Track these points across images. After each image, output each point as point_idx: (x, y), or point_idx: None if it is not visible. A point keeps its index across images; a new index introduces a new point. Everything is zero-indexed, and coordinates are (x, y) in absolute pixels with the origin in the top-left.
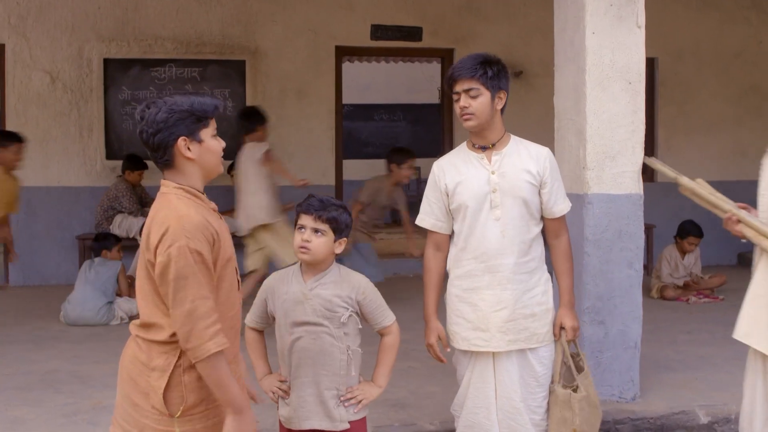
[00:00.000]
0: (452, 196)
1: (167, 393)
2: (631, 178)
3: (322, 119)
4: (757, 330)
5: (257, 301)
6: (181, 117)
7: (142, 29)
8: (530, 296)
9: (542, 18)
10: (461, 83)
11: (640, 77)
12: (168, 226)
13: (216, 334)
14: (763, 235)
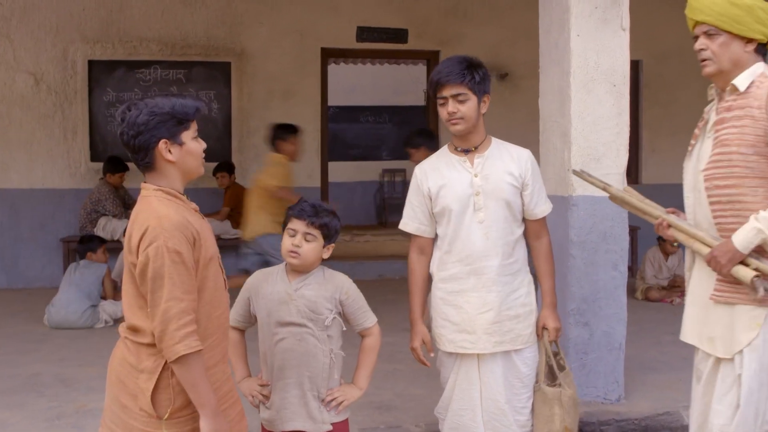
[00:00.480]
0: (435, 199)
1: (155, 395)
2: (616, 180)
3: (307, 121)
4: (697, 329)
5: (240, 299)
6: (162, 119)
7: (126, 31)
8: (514, 298)
9: (528, 20)
10: (449, 88)
11: (624, 80)
12: (147, 227)
13: (187, 336)
14: (692, 237)
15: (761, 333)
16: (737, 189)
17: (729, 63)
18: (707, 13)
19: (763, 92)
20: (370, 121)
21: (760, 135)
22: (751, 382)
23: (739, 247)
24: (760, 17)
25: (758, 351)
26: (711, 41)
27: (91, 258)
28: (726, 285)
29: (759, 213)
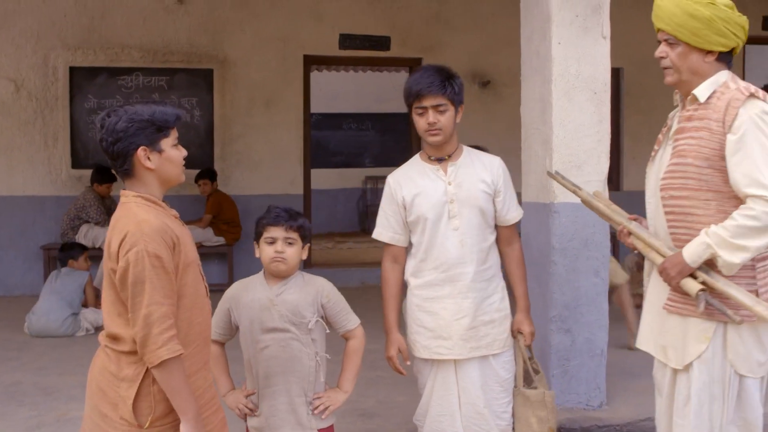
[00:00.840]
0: (410, 208)
1: (136, 403)
2: (597, 186)
3: (290, 128)
4: (652, 337)
5: (219, 312)
6: (140, 127)
7: (108, 37)
8: (489, 303)
9: (510, 28)
10: (430, 99)
11: (605, 87)
12: (127, 232)
13: (169, 340)
14: (649, 246)
15: (710, 346)
16: (690, 201)
17: (688, 73)
18: (667, 22)
19: (722, 104)
20: (352, 128)
21: (716, 149)
22: (701, 395)
23: (689, 261)
24: (720, 29)
25: (708, 363)
26: (671, 50)
27: (72, 266)
28: (678, 296)
29: (710, 228)
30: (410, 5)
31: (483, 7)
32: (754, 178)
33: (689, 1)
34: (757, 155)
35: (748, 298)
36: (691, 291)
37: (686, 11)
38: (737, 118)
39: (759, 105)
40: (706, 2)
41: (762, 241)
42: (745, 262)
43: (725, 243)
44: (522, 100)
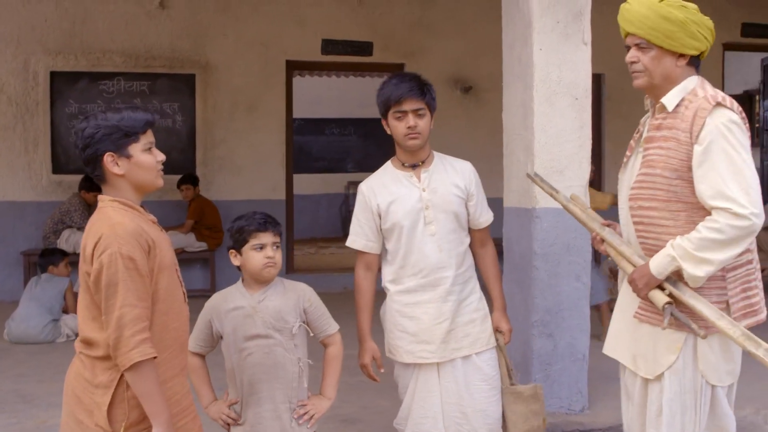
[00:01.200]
0: (385, 216)
1: (111, 410)
2: (579, 192)
3: (272, 133)
4: (621, 344)
5: (200, 324)
6: (107, 132)
7: (89, 42)
8: (467, 304)
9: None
10: (411, 103)
11: (586, 93)
12: (101, 234)
13: (141, 342)
14: (620, 255)
15: (681, 356)
16: (659, 212)
17: (660, 77)
18: (638, 26)
19: (690, 114)
20: (335, 133)
21: (684, 159)
22: (673, 405)
23: (655, 273)
24: (693, 32)
25: (679, 374)
26: (643, 54)
27: (52, 271)
28: (649, 305)
29: (675, 240)
30: (393, 11)
31: (465, 13)
32: (719, 190)
33: (662, 4)
34: (722, 167)
35: (712, 313)
36: (658, 303)
37: (660, 14)
38: (704, 128)
39: (726, 114)
40: (678, 5)
41: (726, 254)
42: (709, 275)
43: (689, 255)
44: (504, 106)
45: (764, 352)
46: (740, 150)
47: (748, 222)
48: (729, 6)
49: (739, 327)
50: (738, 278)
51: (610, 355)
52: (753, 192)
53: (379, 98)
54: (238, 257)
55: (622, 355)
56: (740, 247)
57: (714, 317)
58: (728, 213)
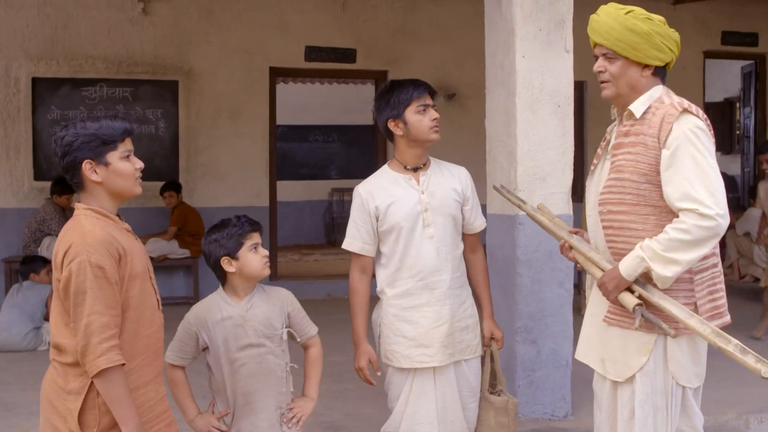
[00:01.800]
0: (384, 217)
1: (82, 416)
2: (561, 198)
3: (256, 140)
4: (592, 350)
5: (182, 336)
6: (85, 140)
7: (72, 48)
8: (463, 309)
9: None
10: (429, 98)
11: (568, 100)
12: (72, 243)
13: (108, 350)
14: (589, 260)
15: (651, 358)
16: (628, 216)
17: (626, 87)
18: (605, 37)
19: (657, 120)
20: (318, 140)
21: (652, 164)
22: (645, 406)
23: (625, 275)
24: (657, 43)
25: (650, 376)
26: (609, 63)
27: (34, 279)
28: (618, 309)
29: (644, 242)
30: (376, 18)
31: (448, 20)
32: (685, 192)
33: (628, 16)
34: (689, 170)
35: (681, 312)
36: (628, 305)
37: (625, 26)
38: (671, 134)
39: (692, 120)
40: (644, 17)
41: (693, 255)
42: (677, 275)
43: (658, 256)
44: (487, 113)
45: (734, 347)
46: (706, 154)
47: (714, 222)
48: (710, 14)
49: (708, 325)
50: (704, 281)
51: (581, 360)
52: (718, 194)
53: (395, 96)
54: (233, 263)
55: (592, 360)
56: (707, 247)
57: (684, 316)
58: (695, 214)
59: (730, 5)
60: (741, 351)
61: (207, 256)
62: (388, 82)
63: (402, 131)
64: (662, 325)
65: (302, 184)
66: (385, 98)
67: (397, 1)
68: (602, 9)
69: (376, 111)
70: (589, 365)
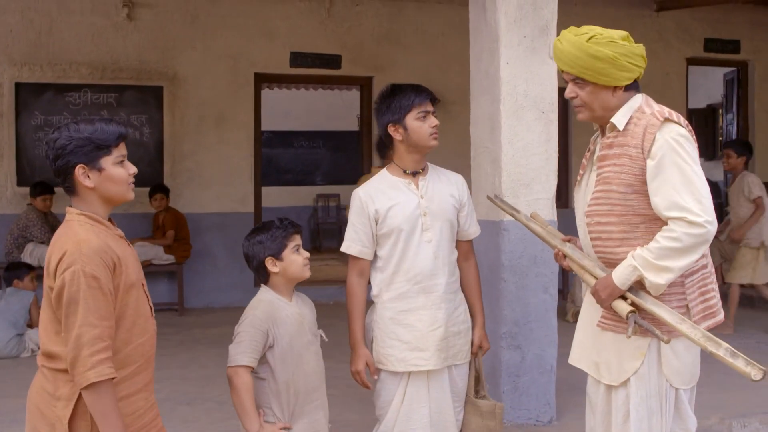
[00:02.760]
0: (383, 221)
1: (72, 423)
2: (546, 204)
3: (241, 146)
4: (586, 354)
5: (254, 335)
6: (79, 144)
7: (56, 53)
8: (457, 315)
9: (459, 48)
10: (430, 105)
11: (553, 107)
12: (66, 251)
13: (99, 363)
14: (582, 268)
15: (645, 361)
16: (617, 226)
17: (599, 109)
18: (570, 65)
19: (640, 131)
20: (303, 146)
21: (638, 174)
22: (640, 409)
23: (618, 283)
24: (624, 65)
25: (644, 379)
26: (579, 89)
27: (17, 285)
28: (612, 313)
29: (635, 250)
30: (361, 24)
31: (433, 27)
32: (673, 201)
33: (590, 43)
34: (675, 178)
35: (673, 318)
36: (622, 313)
37: (589, 54)
38: (654, 143)
39: (674, 128)
40: (606, 41)
41: (684, 261)
42: (670, 282)
43: (650, 265)
44: (471, 119)
45: (724, 351)
46: (690, 162)
47: (703, 230)
48: (692, 22)
49: (699, 329)
50: (695, 283)
51: (574, 365)
52: (705, 201)
53: (396, 101)
54: (277, 264)
55: (586, 364)
56: (697, 253)
57: (675, 322)
58: (684, 222)
59: (713, 13)
60: (731, 355)
61: (250, 258)
62: (389, 86)
63: (402, 136)
64: (655, 332)
65: (287, 190)
66: (386, 102)
67: (382, 8)
68: (564, 36)
69: (376, 114)
70: (583, 370)
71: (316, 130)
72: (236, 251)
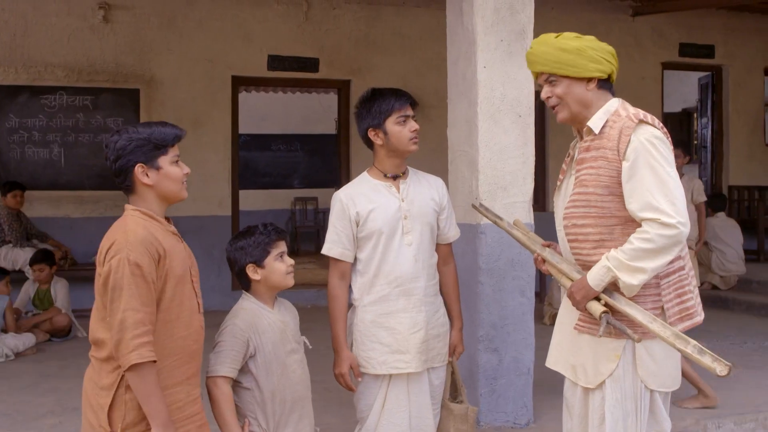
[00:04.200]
0: (364, 223)
1: (111, 411)
2: (522, 207)
3: (218, 149)
4: (563, 357)
5: (234, 345)
6: (138, 144)
7: (31, 56)
8: (437, 318)
9: (437, 51)
10: (410, 109)
11: (529, 110)
12: (115, 240)
13: (140, 345)
14: (560, 272)
15: (621, 363)
16: (594, 228)
17: (577, 105)
18: (542, 63)
19: (615, 133)
20: (281, 149)
21: (614, 176)
22: (615, 411)
23: (592, 284)
24: (592, 56)
25: (619, 381)
26: (554, 87)
27: None
28: (588, 316)
29: (610, 252)
30: (339, 27)
31: (411, 30)
32: (646, 202)
33: (557, 38)
34: (648, 180)
35: (644, 317)
36: (595, 313)
37: (557, 47)
38: (629, 145)
39: (649, 130)
40: (573, 36)
41: (658, 263)
42: (643, 283)
43: (624, 266)
44: (449, 123)
45: (692, 348)
46: (664, 164)
47: (675, 231)
48: (667, 27)
49: (669, 328)
50: (672, 284)
51: (551, 368)
52: (678, 203)
53: (376, 106)
54: (259, 271)
55: (563, 367)
56: (670, 254)
57: (646, 321)
58: (657, 223)
59: (688, 18)
60: (699, 352)
61: (232, 263)
62: (369, 90)
63: (382, 141)
64: (627, 331)
65: (265, 193)
66: (366, 107)
67: (359, 11)
68: (533, 41)
69: (357, 119)
70: (559, 372)
71: (294, 134)
72: (214, 255)
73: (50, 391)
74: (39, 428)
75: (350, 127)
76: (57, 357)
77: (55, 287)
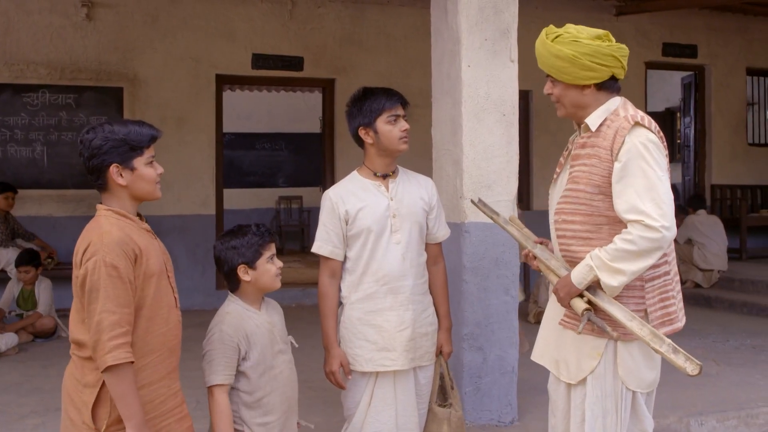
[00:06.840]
0: (353, 221)
1: (96, 408)
2: (507, 206)
3: (202, 148)
4: (547, 351)
5: (226, 351)
6: (114, 145)
7: (13, 53)
8: (425, 316)
9: (421, 50)
10: (401, 110)
11: (513, 109)
12: (90, 242)
13: (116, 347)
14: (548, 269)
15: (602, 361)
16: (583, 225)
17: (571, 106)
18: (542, 63)
19: (611, 133)
20: (266, 148)
21: (605, 176)
22: (595, 408)
23: (575, 282)
24: (585, 64)
25: (600, 379)
26: (554, 86)
27: None
28: (573, 313)
29: (594, 251)
30: (323, 26)
31: (395, 29)
32: (633, 204)
33: (554, 43)
34: (638, 182)
35: (624, 315)
36: (578, 310)
37: (551, 53)
38: (623, 146)
39: (644, 133)
40: (569, 40)
41: (638, 266)
42: (623, 285)
43: (605, 266)
44: (433, 122)
45: (667, 348)
46: (655, 167)
47: (659, 234)
48: (651, 26)
49: (647, 326)
50: (656, 288)
51: (537, 361)
52: (665, 206)
53: (367, 104)
54: (250, 272)
55: (547, 361)
56: (652, 258)
57: (625, 319)
58: (641, 225)
59: (671, 18)
60: (673, 351)
61: (221, 262)
62: (361, 89)
63: (372, 140)
64: (607, 329)
65: (249, 192)
66: (357, 105)
67: (344, 10)
68: (540, 35)
69: (348, 117)
70: (544, 370)
71: (278, 132)
72: (197, 254)
73: (33, 391)
74: (22, 429)
75: (335, 125)
76: (40, 357)
77: (38, 288)
